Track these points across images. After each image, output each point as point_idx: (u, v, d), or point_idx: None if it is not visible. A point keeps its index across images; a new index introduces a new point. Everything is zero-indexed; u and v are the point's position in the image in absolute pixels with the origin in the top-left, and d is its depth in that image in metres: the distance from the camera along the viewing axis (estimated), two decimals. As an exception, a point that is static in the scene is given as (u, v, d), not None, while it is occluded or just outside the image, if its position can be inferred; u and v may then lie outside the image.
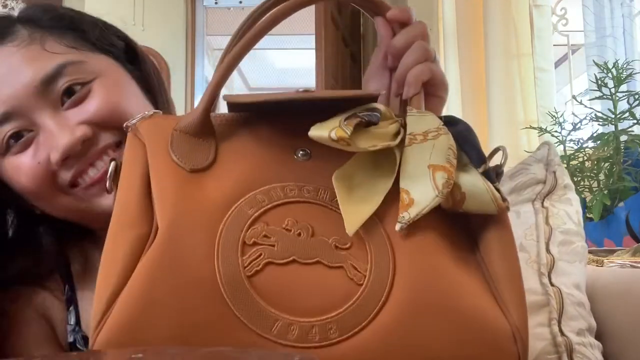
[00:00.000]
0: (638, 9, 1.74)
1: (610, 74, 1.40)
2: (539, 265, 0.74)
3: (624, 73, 1.39)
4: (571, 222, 0.77)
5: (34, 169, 0.62)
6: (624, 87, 1.42)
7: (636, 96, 1.38)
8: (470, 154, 0.48)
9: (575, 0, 1.81)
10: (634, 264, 0.87)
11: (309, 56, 3.30)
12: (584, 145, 1.47)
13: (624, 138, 1.37)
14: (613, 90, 1.40)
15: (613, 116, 1.39)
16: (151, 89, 0.71)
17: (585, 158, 1.43)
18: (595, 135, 1.44)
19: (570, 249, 0.76)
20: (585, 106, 1.51)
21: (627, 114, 1.38)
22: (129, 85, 0.68)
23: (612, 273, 0.85)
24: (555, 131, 1.55)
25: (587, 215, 1.35)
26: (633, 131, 1.38)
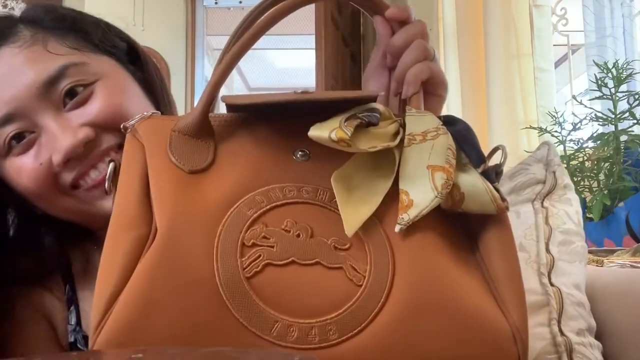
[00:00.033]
0: (638, 9, 1.73)
1: (610, 74, 1.40)
2: (539, 265, 0.74)
3: (624, 73, 1.39)
4: (571, 222, 0.77)
5: (36, 170, 0.62)
6: (624, 87, 1.42)
7: (636, 96, 1.38)
8: (469, 154, 0.48)
9: (575, 0, 1.81)
10: (634, 264, 0.87)
11: (309, 56, 3.30)
12: (584, 145, 1.47)
13: (624, 138, 1.37)
14: (613, 90, 1.40)
15: (613, 116, 1.39)
16: (153, 90, 0.71)
17: (585, 158, 1.43)
18: (595, 135, 1.44)
19: (570, 249, 0.75)
20: (585, 106, 1.50)
21: (627, 114, 1.38)
22: (131, 87, 0.68)
23: (612, 273, 0.85)
24: (555, 131, 1.55)
25: (587, 215, 1.35)
26: (633, 131, 1.38)
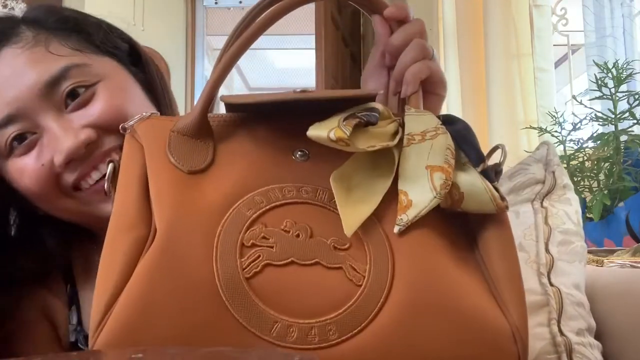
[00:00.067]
0: (638, 9, 1.73)
1: (610, 74, 1.40)
2: (538, 265, 0.74)
3: (624, 73, 1.39)
4: (570, 222, 0.77)
5: (38, 171, 0.62)
6: (624, 87, 1.42)
7: (636, 96, 1.38)
8: (468, 153, 0.48)
9: (575, 0, 1.81)
10: (634, 264, 0.87)
11: (309, 56, 3.30)
12: (584, 145, 1.47)
13: (624, 138, 1.37)
14: (613, 90, 1.40)
15: (613, 116, 1.39)
16: (154, 91, 0.71)
17: (585, 158, 1.43)
18: (595, 135, 1.44)
19: (569, 249, 0.75)
20: (585, 106, 1.50)
21: (627, 114, 1.38)
22: (132, 88, 0.68)
23: (612, 273, 0.85)
24: (555, 131, 1.55)
25: (587, 215, 1.35)
26: (633, 131, 1.38)
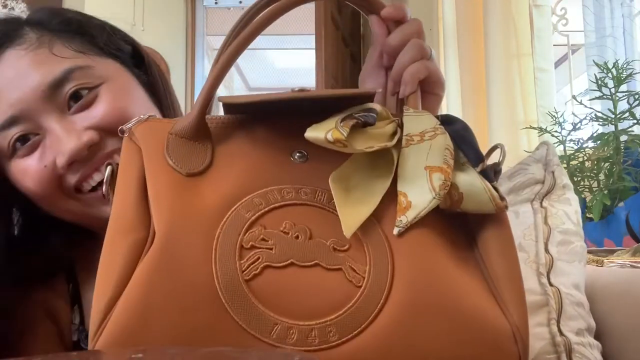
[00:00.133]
0: (638, 9, 1.73)
1: (610, 74, 1.40)
2: (538, 265, 0.74)
3: (624, 73, 1.39)
4: (570, 222, 0.77)
5: (40, 172, 0.63)
6: (624, 87, 1.42)
7: (636, 96, 1.38)
8: (467, 153, 0.48)
9: (575, 0, 1.81)
10: (634, 264, 0.87)
11: (309, 56, 3.30)
12: (584, 145, 1.47)
13: (624, 138, 1.36)
14: (613, 90, 1.40)
15: (613, 116, 1.39)
16: (156, 93, 0.71)
17: (585, 158, 1.43)
18: (595, 135, 1.44)
19: (569, 249, 0.75)
20: (585, 106, 1.50)
21: (627, 114, 1.38)
22: (135, 90, 0.68)
23: (612, 273, 0.85)
24: (555, 131, 1.55)
25: (587, 215, 1.35)
26: (633, 131, 1.38)
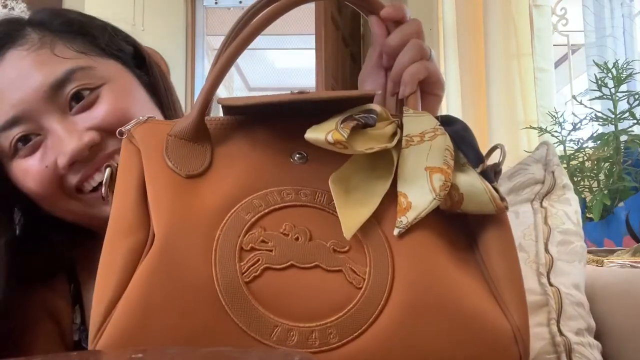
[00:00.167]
0: (638, 9, 1.73)
1: (610, 74, 1.40)
2: (538, 265, 0.74)
3: (624, 73, 1.39)
4: (570, 222, 0.77)
5: (42, 172, 0.63)
6: (624, 87, 1.42)
7: (636, 96, 1.38)
8: (467, 154, 0.48)
9: (575, 0, 1.81)
10: (634, 264, 0.87)
11: (309, 56, 3.30)
12: (584, 145, 1.47)
13: (624, 138, 1.37)
14: (613, 90, 1.40)
15: (613, 116, 1.39)
16: (158, 93, 0.71)
17: (585, 158, 1.43)
18: (595, 135, 1.44)
19: (569, 249, 0.75)
20: (585, 106, 1.50)
21: (627, 114, 1.38)
22: (137, 91, 0.68)
23: (612, 273, 0.85)
24: (555, 131, 1.55)
25: (587, 215, 1.35)
26: (633, 131, 1.38)
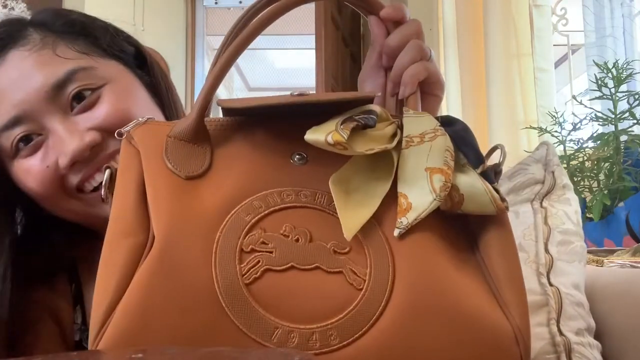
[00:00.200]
0: (638, 9, 1.73)
1: (610, 74, 1.40)
2: (538, 265, 0.74)
3: (624, 73, 1.39)
4: (570, 222, 0.77)
5: (43, 172, 0.63)
6: (624, 87, 1.42)
7: (636, 96, 1.38)
8: (468, 155, 0.48)
9: (575, 0, 1.81)
10: (634, 264, 0.87)
11: (309, 56, 3.30)
12: (584, 145, 1.47)
13: (624, 138, 1.37)
14: (613, 90, 1.40)
15: (613, 116, 1.39)
16: (159, 94, 0.71)
17: (585, 158, 1.43)
18: (595, 135, 1.44)
19: (569, 249, 0.75)
20: (585, 106, 1.50)
21: (627, 114, 1.38)
22: (138, 92, 0.68)
23: (612, 273, 0.85)
24: (555, 131, 1.55)
25: (587, 215, 1.35)
26: (633, 131, 1.38)
